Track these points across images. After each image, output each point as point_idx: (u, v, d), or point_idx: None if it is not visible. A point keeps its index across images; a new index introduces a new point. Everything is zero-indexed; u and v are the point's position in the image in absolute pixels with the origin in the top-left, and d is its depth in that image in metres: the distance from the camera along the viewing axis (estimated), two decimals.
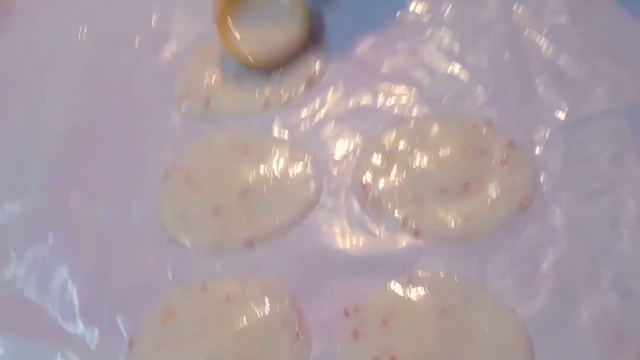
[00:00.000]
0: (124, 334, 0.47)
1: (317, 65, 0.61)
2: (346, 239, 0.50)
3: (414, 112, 0.57)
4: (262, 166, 0.55)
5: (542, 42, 0.59)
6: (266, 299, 0.47)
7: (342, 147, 0.56)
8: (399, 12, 0.64)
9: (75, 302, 0.49)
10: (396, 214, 0.51)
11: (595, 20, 0.59)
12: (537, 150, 0.53)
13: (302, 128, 0.58)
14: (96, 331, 0.47)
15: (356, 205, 0.52)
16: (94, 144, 0.59)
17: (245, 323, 0.46)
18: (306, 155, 0.55)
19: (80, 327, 0.47)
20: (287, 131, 0.58)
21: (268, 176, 0.54)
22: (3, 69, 0.67)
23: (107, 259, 0.51)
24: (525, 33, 0.60)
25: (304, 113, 0.58)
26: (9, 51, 0.69)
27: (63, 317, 0.48)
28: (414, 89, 0.58)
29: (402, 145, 0.54)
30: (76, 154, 0.59)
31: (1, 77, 0.67)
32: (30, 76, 0.66)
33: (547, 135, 0.53)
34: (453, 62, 0.59)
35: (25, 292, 0.49)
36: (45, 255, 0.51)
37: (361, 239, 0.50)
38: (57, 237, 0.52)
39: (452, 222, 0.50)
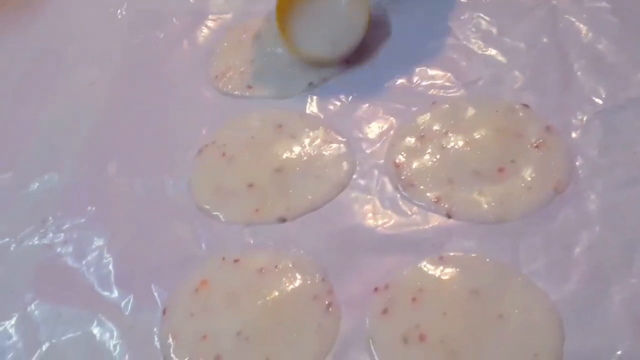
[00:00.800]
0: (158, 301, 0.47)
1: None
2: (378, 218, 0.50)
3: (450, 94, 0.57)
4: (296, 145, 0.55)
5: (581, 27, 0.59)
6: (297, 274, 0.47)
7: (376, 127, 0.56)
8: None
9: (111, 270, 0.49)
10: (429, 195, 0.50)
11: (635, 6, 0.59)
12: (574, 135, 0.52)
13: (337, 108, 0.58)
14: (131, 298, 0.48)
15: (389, 185, 0.52)
16: (131, 119, 0.60)
17: (276, 295, 0.46)
18: (340, 135, 0.55)
19: (115, 294, 0.48)
20: (321, 111, 0.58)
21: (302, 155, 0.54)
22: (45, 44, 0.69)
23: (143, 230, 0.52)
24: (565, 18, 0.59)
25: (338, 93, 0.59)
26: (51, 28, 0.70)
27: (99, 284, 0.49)
28: (450, 71, 0.58)
29: (436, 126, 0.54)
30: (114, 128, 0.60)
31: (42, 52, 0.68)
32: (71, 52, 0.68)
33: (584, 121, 0.53)
34: (491, 45, 0.59)
35: (63, 259, 0.50)
36: (82, 224, 0.52)
37: (393, 218, 0.50)
38: (95, 207, 0.53)
39: (486, 204, 0.49)
